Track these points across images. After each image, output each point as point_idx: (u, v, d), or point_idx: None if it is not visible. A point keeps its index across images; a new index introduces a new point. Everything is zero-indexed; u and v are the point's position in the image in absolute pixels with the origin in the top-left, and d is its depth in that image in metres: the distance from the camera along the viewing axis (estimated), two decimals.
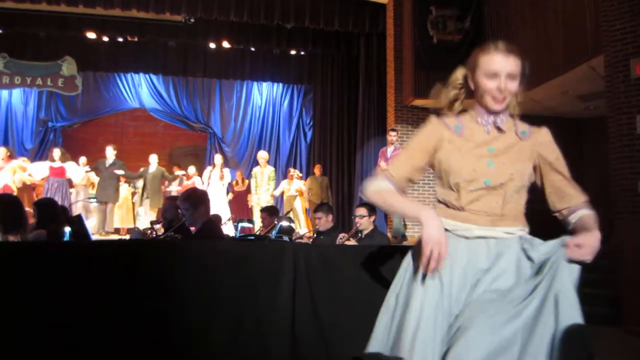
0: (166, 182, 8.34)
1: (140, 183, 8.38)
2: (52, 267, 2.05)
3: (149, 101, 10.13)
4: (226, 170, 8.36)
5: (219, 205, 7.96)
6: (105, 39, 9.14)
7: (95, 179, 7.88)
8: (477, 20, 7.36)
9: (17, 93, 9.78)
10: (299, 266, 2.26)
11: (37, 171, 7.33)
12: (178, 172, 8.66)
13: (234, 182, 8.75)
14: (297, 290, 2.22)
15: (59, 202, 6.45)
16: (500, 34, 7.20)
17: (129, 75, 10.03)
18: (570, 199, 1.46)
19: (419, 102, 7.78)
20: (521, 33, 6.83)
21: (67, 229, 3.23)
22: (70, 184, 7.57)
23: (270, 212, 5.22)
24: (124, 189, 8.32)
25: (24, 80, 9.30)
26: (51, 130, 9.90)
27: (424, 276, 1.35)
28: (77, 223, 2.99)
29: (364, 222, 4.07)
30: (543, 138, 1.48)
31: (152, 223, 4.33)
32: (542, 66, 6.30)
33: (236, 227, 5.63)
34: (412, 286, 1.38)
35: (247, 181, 8.75)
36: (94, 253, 2.17)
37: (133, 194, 8.65)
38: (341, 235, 4.14)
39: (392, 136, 7.10)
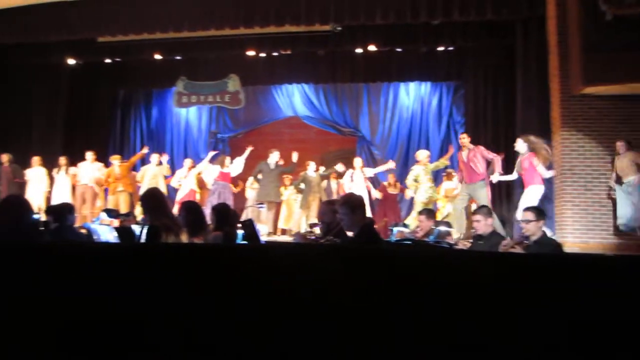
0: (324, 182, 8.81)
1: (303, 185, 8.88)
2: None
3: (301, 109, 10.73)
4: (367, 170, 8.49)
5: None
6: (262, 55, 9.92)
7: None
8: None
9: (192, 110, 11.22)
10: None
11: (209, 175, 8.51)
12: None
13: (386, 184, 8.74)
14: None
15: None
16: None
17: (283, 87, 10.75)
18: None
19: (590, 90, 6.85)
20: None
21: (240, 232, 3.55)
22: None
23: (428, 215, 5.01)
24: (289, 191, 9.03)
25: (198, 99, 10.57)
26: (220, 141, 11.14)
27: None
28: (249, 226, 3.26)
29: (530, 227, 3.75)
30: None
31: (311, 226, 4.51)
32: None
33: (391, 232, 5.59)
34: None
35: (399, 184, 8.68)
36: None
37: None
38: (505, 242, 3.85)
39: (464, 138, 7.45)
